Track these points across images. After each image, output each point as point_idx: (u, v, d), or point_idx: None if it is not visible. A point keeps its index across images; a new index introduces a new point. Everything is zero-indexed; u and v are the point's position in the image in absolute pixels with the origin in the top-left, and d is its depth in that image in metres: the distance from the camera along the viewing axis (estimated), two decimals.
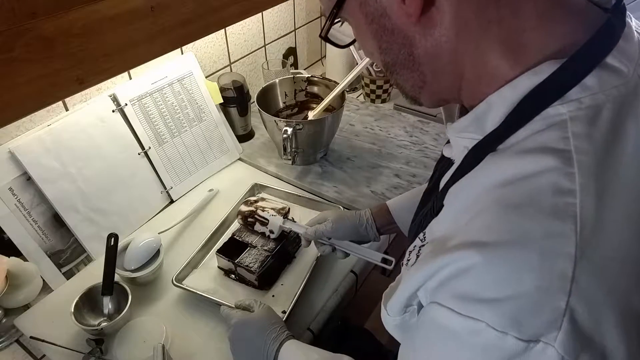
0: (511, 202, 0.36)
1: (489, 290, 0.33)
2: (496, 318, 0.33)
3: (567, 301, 0.32)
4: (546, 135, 0.37)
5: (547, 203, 0.34)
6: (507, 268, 0.34)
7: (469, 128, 0.44)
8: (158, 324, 0.77)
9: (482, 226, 0.36)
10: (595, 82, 0.37)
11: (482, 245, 0.35)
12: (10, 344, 0.79)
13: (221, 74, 1.21)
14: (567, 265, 0.32)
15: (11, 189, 0.83)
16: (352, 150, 1.19)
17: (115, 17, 0.63)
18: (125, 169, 0.98)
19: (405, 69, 0.45)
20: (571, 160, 0.35)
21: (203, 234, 0.93)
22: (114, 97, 0.97)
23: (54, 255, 0.87)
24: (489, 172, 0.40)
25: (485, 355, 0.33)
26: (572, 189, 0.34)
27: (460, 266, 0.35)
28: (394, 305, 0.43)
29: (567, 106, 0.37)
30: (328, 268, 0.89)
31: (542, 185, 0.35)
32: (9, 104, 0.56)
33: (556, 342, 0.31)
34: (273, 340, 0.67)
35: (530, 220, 0.34)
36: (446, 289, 0.36)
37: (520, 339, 0.32)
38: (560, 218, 0.34)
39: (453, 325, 0.35)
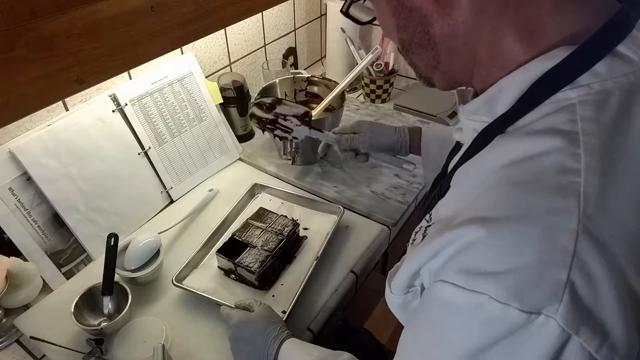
0: (516, 180, 0.37)
1: (492, 263, 0.34)
2: (499, 290, 0.33)
3: (568, 274, 0.32)
4: (554, 118, 0.38)
5: (552, 181, 0.35)
6: (510, 242, 0.34)
7: (479, 110, 0.45)
8: (158, 324, 0.77)
9: (487, 203, 0.37)
10: (605, 69, 0.38)
11: (485, 220, 0.36)
12: (10, 344, 0.79)
13: (221, 74, 1.21)
14: (569, 240, 0.33)
15: (11, 189, 0.83)
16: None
17: (116, 17, 0.63)
18: (125, 169, 0.98)
19: (421, 48, 0.46)
20: (577, 141, 0.36)
21: (203, 234, 0.93)
22: (114, 97, 0.97)
23: (54, 255, 0.87)
24: (496, 153, 0.41)
25: (488, 328, 0.34)
26: (577, 168, 0.35)
27: (465, 241, 0.36)
28: (398, 283, 0.44)
29: (576, 91, 0.38)
30: (328, 268, 0.89)
31: (548, 164, 0.36)
32: (9, 104, 0.56)
33: (557, 314, 0.32)
34: (273, 339, 0.67)
35: (534, 196, 0.35)
36: (450, 266, 0.37)
37: (522, 310, 0.32)
38: (564, 195, 0.34)
39: (457, 300, 0.36)
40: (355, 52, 1.35)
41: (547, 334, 0.32)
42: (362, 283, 0.93)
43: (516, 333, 0.33)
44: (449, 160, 0.55)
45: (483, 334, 0.34)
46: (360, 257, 0.92)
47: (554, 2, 0.39)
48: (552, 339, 0.32)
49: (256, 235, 0.89)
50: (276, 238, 0.88)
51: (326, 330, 0.83)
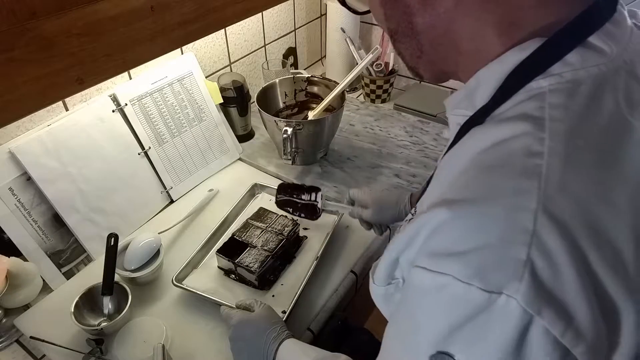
0: (485, 164, 0.38)
1: (456, 244, 0.35)
2: (461, 269, 0.34)
3: (527, 253, 0.32)
4: (525, 105, 0.39)
5: (517, 164, 0.36)
6: (473, 222, 0.35)
7: (461, 104, 0.46)
8: (158, 324, 0.77)
9: (457, 187, 0.39)
10: (577, 59, 0.39)
11: (452, 202, 0.37)
12: (10, 344, 0.79)
13: (221, 74, 1.21)
14: (529, 219, 0.33)
15: (11, 189, 0.83)
16: (352, 150, 1.19)
17: (116, 17, 0.63)
18: (125, 169, 0.98)
19: (405, 37, 0.47)
20: (544, 126, 0.37)
21: (203, 234, 0.93)
22: (114, 97, 0.97)
23: (54, 255, 0.87)
24: (472, 142, 0.42)
25: (454, 310, 0.34)
26: (540, 152, 0.36)
27: (433, 225, 0.37)
28: (379, 273, 0.45)
29: (548, 80, 0.39)
30: (328, 268, 0.89)
31: (515, 148, 0.37)
32: (9, 104, 0.56)
33: (518, 294, 0.32)
34: (273, 339, 0.67)
35: (499, 179, 0.36)
36: (422, 251, 0.37)
37: (483, 289, 0.33)
38: (527, 177, 0.35)
39: (425, 284, 0.36)
40: (355, 52, 1.35)
41: (510, 314, 0.32)
42: (362, 283, 0.92)
43: (481, 314, 0.33)
44: None
45: (450, 315, 0.35)
46: (360, 257, 0.92)
47: None
48: (514, 320, 0.32)
49: (256, 235, 0.89)
50: (276, 238, 0.88)
51: (326, 330, 0.83)
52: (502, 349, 0.33)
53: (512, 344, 0.32)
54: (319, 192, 0.91)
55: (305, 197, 0.92)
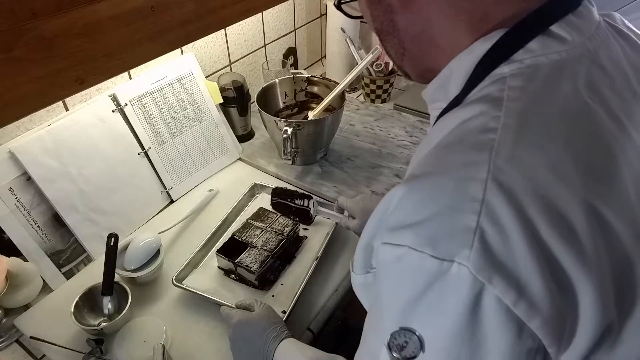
0: (444, 143, 0.40)
1: (411, 215, 0.36)
2: (415, 239, 0.35)
3: (477, 221, 0.33)
4: (487, 89, 0.41)
5: (471, 140, 0.38)
6: (425, 193, 0.37)
7: (436, 96, 0.49)
8: (158, 324, 0.77)
9: (418, 165, 0.41)
10: (537, 46, 0.41)
11: (409, 178, 0.39)
12: (10, 344, 0.79)
13: (221, 74, 1.21)
14: (479, 188, 0.34)
15: (11, 189, 0.83)
16: (352, 150, 1.19)
17: (115, 17, 0.63)
18: (125, 169, 0.98)
19: (389, 35, 0.50)
20: (501, 105, 0.39)
21: (203, 234, 0.93)
22: (114, 97, 0.97)
23: (54, 255, 0.87)
24: (440, 127, 0.44)
25: (411, 280, 0.35)
26: (495, 127, 0.37)
27: (394, 202, 0.38)
28: (357, 260, 0.46)
29: (510, 66, 0.41)
30: (328, 268, 0.89)
31: (472, 126, 0.39)
32: (9, 104, 0.56)
33: (469, 261, 0.32)
34: (273, 339, 0.67)
35: (454, 153, 0.38)
36: (385, 227, 0.38)
37: (435, 257, 0.33)
38: (479, 150, 0.37)
39: (386, 258, 0.37)
40: (355, 52, 1.35)
41: (462, 283, 0.32)
42: None
43: (436, 282, 0.34)
44: None
45: (408, 288, 0.35)
46: None
47: None
48: (466, 288, 0.32)
49: (256, 235, 0.89)
50: (276, 238, 0.88)
51: (326, 330, 0.83)
52: (457, 320, 0.33)
53: (466, 314, 0.33)
54: (311, 199, 0.93)
55: (298, 202, 0.94)
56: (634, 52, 0.46)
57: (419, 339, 0.35)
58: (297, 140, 1.06)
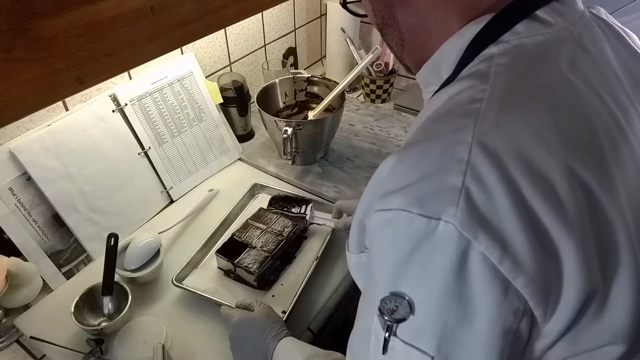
0: (434, 115, 0.43)
1: (400, 180, 0.38)
2: (403, 200, 0.36)
3: (462, 181, 0.35)
4: (476, 67, 0.44)
5: (459, 109, 0.40)
6: (415, 159, 0.39)
7: (429, 78, 0.51)
8: (158, 324, 0.77)
9: (409, 138, 0.43)
10: (524, 29, 0.43)
11: (400, 149, 0.41)
12: (10, 344, 0.79)
13: (221, 74, 1.21)
14: (464, 150, 0.36)
15: (11, 189, 0.83)
16: (352, 150, 1.19)
17: (115, 17, 0.63)
18: (125, 169, 0.98)
19: (390, 28, 0.52)
20: (488, 79, 0.41)
21: (203, 234, 0.93)
22: (114, 97, 0.97)
23: (54, 255, 0.87)
24: (431, 105, 0.47)
25: (400, 240, 0.36)
26: (481, 98, 0.40)
27: (385, 172, 0.41)
28: (352, 239, 0.48)
29: (498, 47, 0.44)
30: (328, 268, 0.89)
31: (460, 98, 0.41)
32: (9, 104, 0.56)
33: (455, 218, 0.33)
34: (273, 339, 0.67)
35: (442, 123, 0.41)
36: (377, 196, 0.39)
37: (423, 215, 0.34)
38: (465, 117, 0.39)
39: (377, 223, 0.39)
40: (355, 52, 1.35)
41: (448, 239, 0.34)
42: None
43: (424, 242, 0.35)
44: None
45: (397, 249, 0.36)
46: None
47: None
48: (453, 245, 0.33)
49: (256, 235, 0.89)
50: (276, 239, 0.88)
51: (326, 330, 0.83)
52: (445, 279, 0.34)
53: (454, 272, 0.34)
54: (309, 204, 0.93)
55: (295, 210, 0.95)
56: (617, 41, 0.49)
57: (408, 302, 0.36)
58: (297, 140, 1.06)
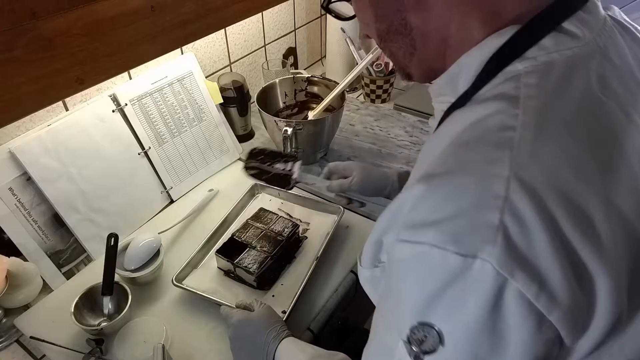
0: (462, 141, 0.40)
1: (433, 213, 0.36)
2: (438, 236, 0.35)
3: (500, 218, 0.34)
4: (502, 86, 0.42)
5: (491, 138, 0.38)
6: (448, 191, 0.37)
7: (444, 90, 0.48)
8: (158, 324, 0.77)
9: (435, 163, 0.41)
10: (550, 43, 0.41)
11: (429, 176, 0.39)
12: (10, 344, 0.79)
13: (221, 74, 1.21)
14: (501, 186, 0.35)
15: (11, 189, 0.83)
16: (352, 150, 1.19)
17: (115, 17, 0.63)
18: (125, 169, 0.98)
19: (399, 35, 0.49)
20: (518, 103, 0.39)
21: (203, 234, 0.93)
22: (114, 97, 0.97)
23: (54, 255, 0.87)
24: (452, 124, 0.44)
25: (433, 276, 0.35)
26: (514, 126, 0.38)
27: (412, 200, 0.39)
28: (365, 255, 0.46)
29: (524, 63, 0.41)
30: (328, 268, 0.89)
31: (490, 124, 0.39)
32: (9, 104, 0.56)
33: (492, 257, 0.33)
34: (273, 339, 0.67)
35: (474, 152, 0.39)
36: (402, 225, 0.39)
37: (459, 253, 0.34)
38: (499, 148, 0.37)
39: (405, 255, 0.38)
40: (355, 52, 1.35)
41: (485, 277, 0.33)
42: None
43: (458, 279, 0.34)
44: None
45: (429, 283, 0.36)
46: None
47: None
48: (489, 283, 0.33)
49: (256, 235, 0.89)
50: (276, 239, 0.88)
51: (326, 331, 0.83)
52: (479, 314, 0.34)
53: (488, 308, 0.33)
54: (297, 161, 0.85)
55: (279, 166, 0.86)
56: (635, 45, 0.47)
57: (438, 333, 0.35)
58: (297, 140, 1.06)
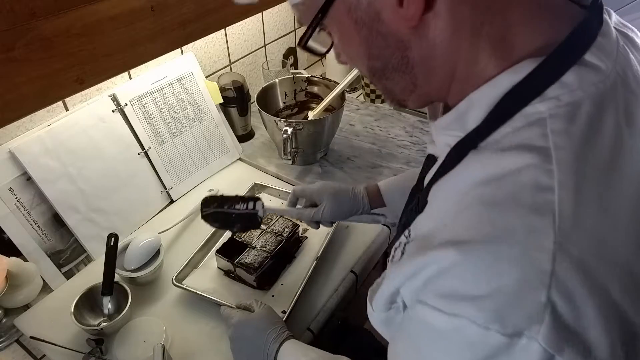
0: (492, 200, 0.36)
1: (471, 287, 0.34)
2: (479, 314, 0.33)
3: (547, 295, 0.32)
4: (526, 132, 0.38)
5: (527, 200, 0.35)
6: (488, 264, 0.34)
7: (451, 125, 0.44)
8: (158, 324, 0.77)
9: (463, 225, 0.37)
10: (573, 80, 0.38)
11: (462, 243, 0.35)
12: (10, 344, 0.79)
13: (221, 74, 1.21)
14: (546, 260, 0.33)
15: (11, 189, 0.83)
16: (352, 150, 1.19)
17: (115, 17, 0.63)
18: (125, 169, 0.98)
19: (397, 72, 0.45)
20: (550, 156, 0.36)
21: (203, 234, 0.93)
22: (114, 97, 0.97)
23: (54, 255, 0.87)
24: (470, 170, 0.41)
25: (471, 352, 0.34)
26: (550, 185, 0.35)
27: (442, 265, 0.36)
28: (378, 301, 0.44)
29: (546, 104, 0.38)
30: (328, 268, 0.89)
31: (522, 182, 0.36)
32: (9, 104, 0.57)
33: (539, 335, 0.31)
34: (273, 340, 0.67)
35: (510, 216, 0.35)
36: (430, 289, 0.37)
37: (503, 333, 0.32)
38: (539, 214, 0.34)
39: (439, 324, 0.36)
40: None
41: (530, 355, 0.32)
42: (362, 283, 0.93)
43: (499, 355, 0.33)
44: (423, 174, 0.54)
45: (466, 356, 0.34)
46: (360, 257, 0.92)
47: (525, 14, 0.39)
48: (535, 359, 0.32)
49: (256, 236, 0.89)
50: (276, 239, 0.88)
51: (326, 331, 0.83)
52: None
53: None
54: (258, 200, 0.80)
55: (240, 207, 0.81)
56: (637, 52, 0.44)
57: None
58: (297, 140, 1.06)
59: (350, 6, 0.42)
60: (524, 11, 0.39)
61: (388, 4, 0.40)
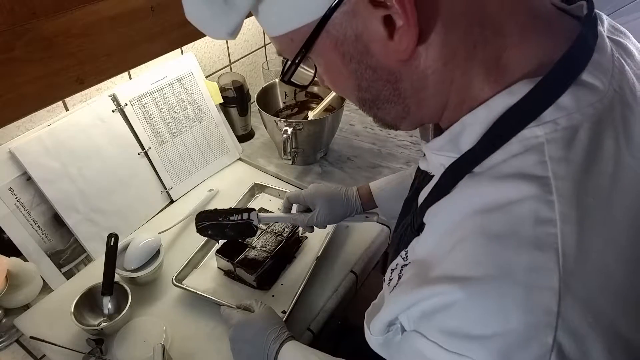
0: (492, 232, 0.35)
1: (475, 326, 0.33)
2: (484, 355, 0.33)
3: (554, 336, 0.32)
4: (523, 159, 0.36)
5: (528, 234, 0.34)
6: (491, 303, 0.33)
7: (445, 147, 0.43)
8: (158, 324, 0.77)
9: (464, 258, 0.36)
10: (570, 101, 0.36)
11: (464, 280, 0.35)
12: (10, 344, 0.79)
13: (221, 74, 1.21)
14: (552, 300, 0.32)
15: (11, 189, 0.83)
16: (352, 150, 1.19)
17: (115, 17, 0.63)
18: (125, 169, 0.98)
19: (389, 103, 0.44)
20: (549, 186, 0.35)
21: None
22: (114, 97, 0.97)
23: (54, 255, 0.87)
24: (468, 196, 0.40)
25: None
26: (552, 218, 0.34)
27: (444, 301, 0.35)
28: (376, 326, 0.43)
29: (543, 128, 0.36)
30: (328, 268, 0.89)
31: (523, 214, 0.35)
32: (9, 104, 0.57)
33: None
34: (273, 340, 0.67)
35: (512, 252, 0.34)
36: (431, 323, 0.36)
37: None
38: (542, 249, 0.33)
39: (440, 358, 0.35)
40: None
41: None
42: (362, 283, 0.93)
43: None
44: (418, 187, 0.53)
45: None
46: (360, 257, 0.92)
47: (517, 30, 0.38)
48: None
49: (256, 236, 0.89)
50: (276, 239, 0.88)
51: (326, 331, 0.83)
52: None
53: None
54: (252, 211, 0.81)
55: (235, 218, 0.81)
56: (631, 61, 0.43)
57: None
58: (297, 140, 1.06)
59: (337, 40, 0.40)
60: (518, 30, 0.38)
61: (378, 37, 0.38)
